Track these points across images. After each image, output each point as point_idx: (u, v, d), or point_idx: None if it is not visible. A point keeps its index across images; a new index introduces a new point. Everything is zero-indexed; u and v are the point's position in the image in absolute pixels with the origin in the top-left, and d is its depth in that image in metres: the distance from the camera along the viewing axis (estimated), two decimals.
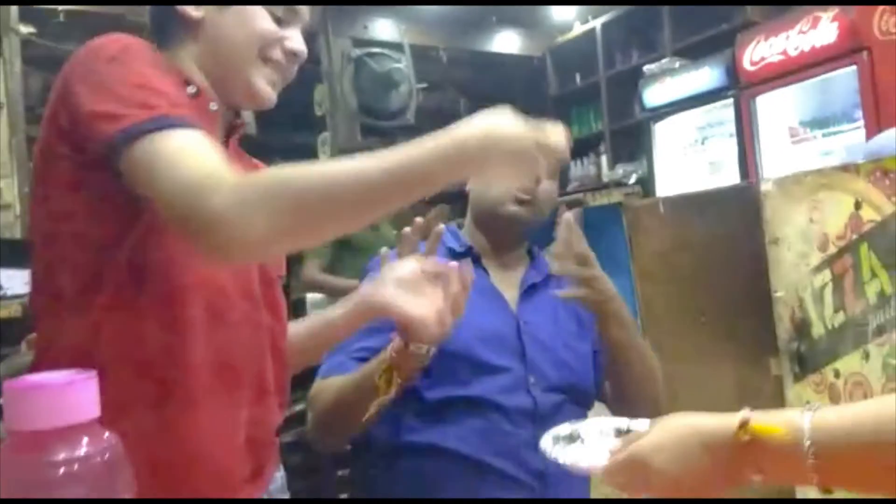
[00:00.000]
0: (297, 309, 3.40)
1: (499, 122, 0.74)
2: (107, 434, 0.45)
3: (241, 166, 0.92)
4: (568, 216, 1.09)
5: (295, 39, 0.88)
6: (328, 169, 0.72)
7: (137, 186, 0.72)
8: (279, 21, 0.87)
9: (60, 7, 3.74)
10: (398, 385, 0.96)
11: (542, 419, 1.11)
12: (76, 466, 0.43)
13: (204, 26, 0.85)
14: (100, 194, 0.76)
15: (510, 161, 0.74)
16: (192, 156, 0.71)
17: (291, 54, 0.88)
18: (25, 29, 3.58)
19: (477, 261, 1.23)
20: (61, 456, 0.43)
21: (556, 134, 0.76)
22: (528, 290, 1.23)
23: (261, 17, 0.85)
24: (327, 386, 1.10)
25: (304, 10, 0.89)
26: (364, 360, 1.06)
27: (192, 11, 0.85)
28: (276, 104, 0.91)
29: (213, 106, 0.86)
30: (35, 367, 0.79)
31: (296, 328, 0.98)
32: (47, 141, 0.78)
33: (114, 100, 0.73)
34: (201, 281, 0.79)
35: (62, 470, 0.42)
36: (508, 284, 1.23)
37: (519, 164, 0.75)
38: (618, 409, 1.24)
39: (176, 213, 0.70)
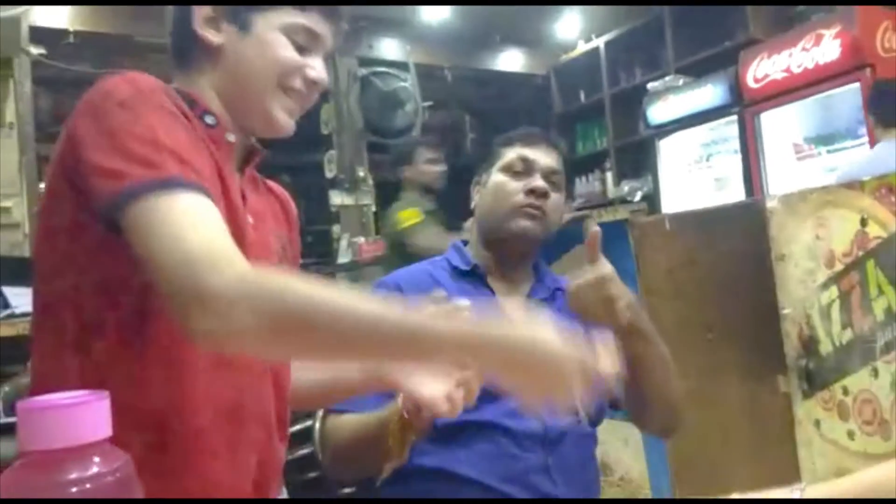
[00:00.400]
0: None
1: (541, 336, 0.65)
2: (119, 453, 0.46)
3: (256, 193, 0.91)
4: (596, 230, 1.05)
5: (316, 68, 0.86)
6: (345, 301, 0.67)
7: (135, 247, 0.69)
8: (301, 49, 0.85)
9: (70, 28, 3.79)
10: (410, 443, 0.94)
11: (552, 442, 1.10)
12: (88, 485, 0.43)
13: (224, 53, 0.84)
14: (103, 240, 0.73)
15: (542, 379, 0.65)
16: (196, 225, 0.68)
17: (312, 83, 0.86)
18: (35, 50, 3.63)
19: (482, 279, 1.22)
20: (74, 475, 0.43)
21: (607, 360, 0.67)
22: (535, 308, 1.22)
23: (282, 46, 0.84)
24: (344, 423, 1.08)
25: (327, 36, 0.87)
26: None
27: (212, 37, 0.84)
28: None
29: (231, 137, 0.85)
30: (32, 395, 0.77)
31: (304, 380, 0.95)
32: (55, 175, 0.77)
33: (119, 155, 0.70)
34: None
35: (74, 489, 0.43)
36: (514, 300, 1.22)
37: (551, 385, 0.65)
38: (635, 411, 1.22)
39: (172, 283, 0.66)
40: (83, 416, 0.44)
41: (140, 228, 0.68)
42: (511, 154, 1.23)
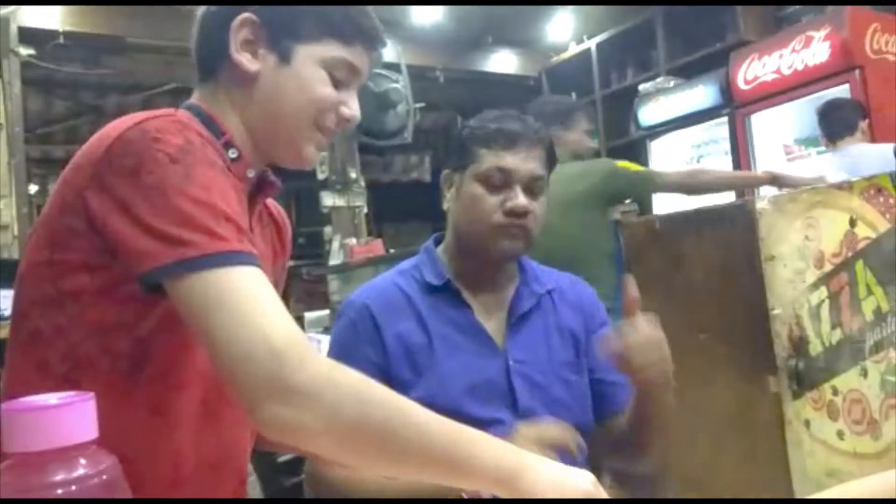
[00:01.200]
0: (297, 323, 3.40)
1: (562, 484, 0.66)
2: (105, 455, 0.45)
3: (260, 225, 0.88)
4: (634, 289, 0.98)
5: (351, 104, 0.83)
6: (412, 414, 0.66)
7: (190, 318, 0.66)
8: (338, 83, 0.81)
9: (60, 28, 3.78)
10: None
11: None
12: (74, 487, 0.43)
13: (259, 82, 0.79)
14: (114, 285, 0.70)
15: None
16: (267, 309, 0.65)
17: (345, 120, 0.83)
18: (25, 51, 3.61)
19: (457, 294, 1.11)
20: (59, 477, 0.42)
21: None
22: (518, 320, 1.12)
23: (321, 82, 0.80)
24: (345, 478, 1.00)
25: (365, 69, 0.83)
26: None
27: (248, 63, 0.79)
28: None
29: (250, 173, 0.82)
30: None
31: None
32: (70, 209, 0.71)
33: (176, 220, 0.66)
34: (199, 379, 0.76)
35: (60, 491, 0.42)
36: (495, 313, 1.12)
37: None
38: (621, 450, 1.13)
39: (251, 373, 0.63)
40: (68, 417, 0.44)
41: (199, 302, 0.65)
42: (487, 161, 1.09)
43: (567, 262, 2.11)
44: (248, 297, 0.65)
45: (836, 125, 2.94)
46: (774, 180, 2.29)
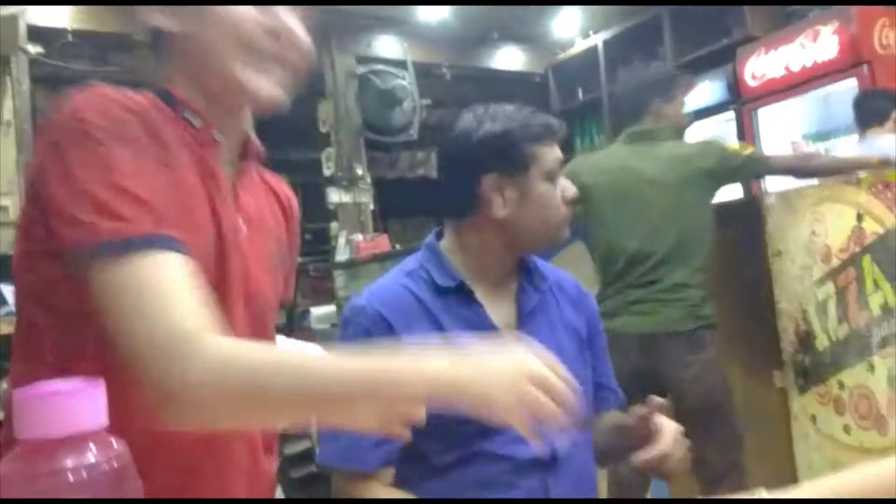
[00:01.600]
0: (303, 318, 3.41)
1: (487, 377, 0.65)
2: (115, 442, 0.46)
3: (253, 190, 0.87)
4: (660, 399, 0.99)
5: (281, 17, 0.80)
6: (312, 365, 0.67)
7: (100, 310, 0.66)
8: (263, 7, 0.79)
9: (69, 27, 3.79)
10: None
11: (551, 461, 1.05)
12: (84, 473, 0.43)
13: (183, 35, 0.79)
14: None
15: (504, 405, 0.66)
16: (168, 300, 0.65)
17: (284, 38, 0.80)
18: (33, 48, 3.63)
19: (469, 294, 1.10)
20: (70, 463, 0.43)
21: (557, 400, 0.66)
22: (528, 316, 1.12)
23: (246, 16, 0.78)
24: (377, 494, 1.01)
25: None
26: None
27: (164, 22, 0.79)
28: (279, 120, 0.87)
29: (219, 136, 0.80)
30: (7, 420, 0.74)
31: None
32: (27, 198, 0.73)
33: (89, 206, 0.66)
34: None
35: (70, 477, 0.43)
36: (504, 310, 1.12)
37: (517, 407, 0.66)
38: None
39: (140, 362, 0.64)
40: (79, 404, 0.44)
41: (106, 292, 0.65)
42: (548, 158, 1.09)
43: (671, 245, 2.04)
44: (154, 286, 0.65)
45: (867, 115, 2.90)
46: (884, 163, 2.15)
